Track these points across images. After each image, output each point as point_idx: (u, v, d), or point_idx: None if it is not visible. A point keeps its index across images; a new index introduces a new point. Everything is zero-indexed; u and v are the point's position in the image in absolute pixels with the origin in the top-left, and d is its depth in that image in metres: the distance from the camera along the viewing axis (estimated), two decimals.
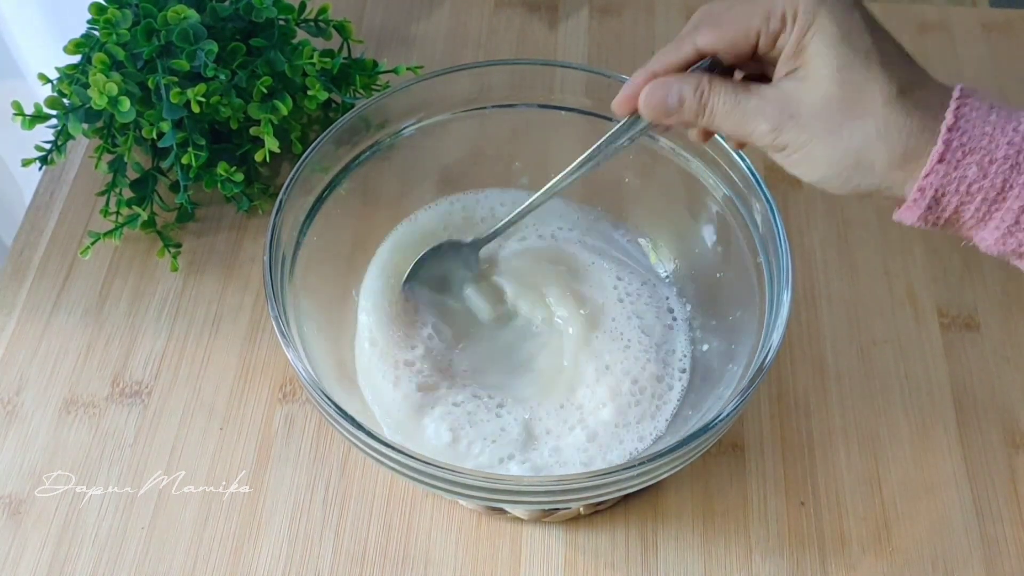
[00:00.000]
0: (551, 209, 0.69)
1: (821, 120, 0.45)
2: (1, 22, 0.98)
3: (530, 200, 0.60)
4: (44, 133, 0.70)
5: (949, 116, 0.44)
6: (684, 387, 0.63)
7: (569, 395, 0.62)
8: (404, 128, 0.65)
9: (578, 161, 0.57)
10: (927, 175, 0.44)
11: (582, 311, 0.64)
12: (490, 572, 0.61)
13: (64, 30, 0.75)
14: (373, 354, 0.63)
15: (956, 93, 0.45)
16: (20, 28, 0.98)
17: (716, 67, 0.49)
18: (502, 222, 0.63)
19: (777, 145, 0.47)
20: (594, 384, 0.62)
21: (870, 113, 0.45)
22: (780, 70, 0.47)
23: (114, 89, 0.66)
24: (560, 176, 0.58)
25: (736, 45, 0.48)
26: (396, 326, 0.64)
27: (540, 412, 0.61)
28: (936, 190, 0.44)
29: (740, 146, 0.58)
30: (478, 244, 0.65)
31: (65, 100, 0.69)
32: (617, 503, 0.63)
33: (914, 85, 0.45)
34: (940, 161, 0.44)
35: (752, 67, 0.50)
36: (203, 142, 0.70)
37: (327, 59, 0.71)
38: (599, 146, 0.56)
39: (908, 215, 0.46)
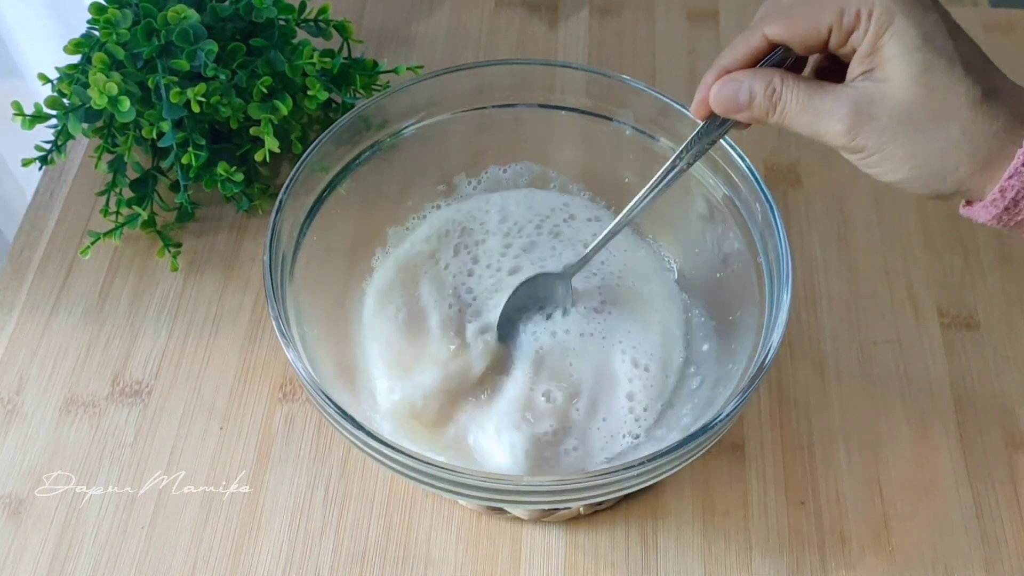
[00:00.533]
0: None
1: (902, 123, 0.45)
2: (2, 22, 0.98)
3: (616, 221, 0.59)
4: (45, 133, 0.70)
5: None
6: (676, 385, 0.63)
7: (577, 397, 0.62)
8: (404, 128, 0.65)
9: (660, 173, 0.56)
10: (1010, 176, 0.44)
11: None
12: (490, 572, 0.61)
13: (65, 30, 0.75)
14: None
15: None
16: (21, 28, 0.98)
17: (788, 61, 0.49)
18: (589, 249, 0.61)
19: (854, 147, 0.47)
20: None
21: (954, 117, 0.45)
22: (854, 69, 0.47)
23: (114, 89, 0.66)
24: (643, 192, 0.57)
25: (807, 38, 0.47)
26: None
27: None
28: (1017, 192, 0.45)
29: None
30: (569, 273, 0.63)
31: (65, 100, 0.69)
32: (617, 503, 0.63)
33: (997, 89, 0.45)
34: None
35: (822, 58, 0.49)
36: (203, 142, 0.70)
37: (327, 59, 0.71)
38: (679, 153, 0.54)
39: (983, 213, 0.46)
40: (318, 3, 0.77)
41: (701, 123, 0.53)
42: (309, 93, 0.71)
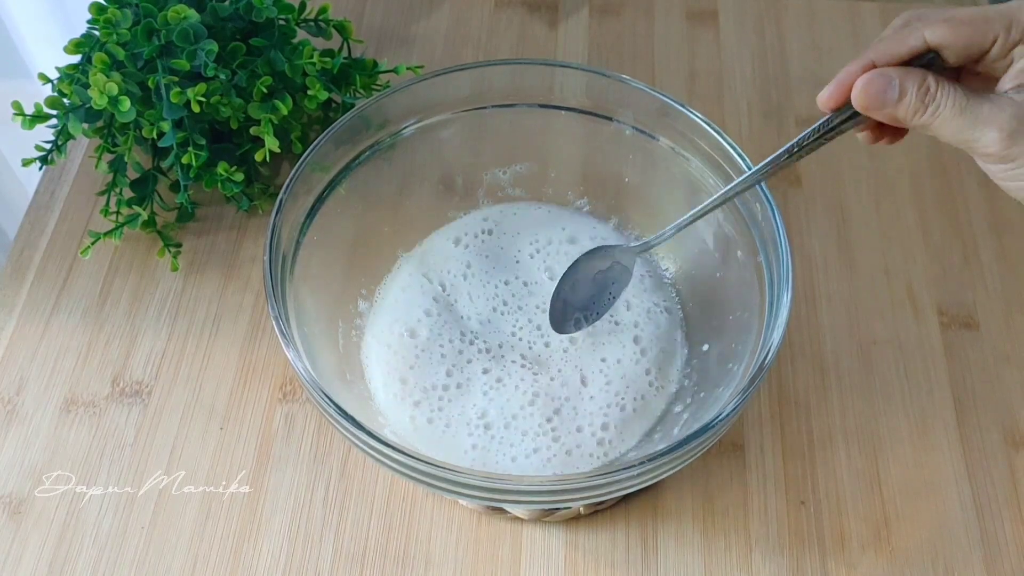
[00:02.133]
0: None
1: None
2: (9, 21, 0.98)
3: (708, 202, 0.58)
4: (45, 133, 0.70)
5: None
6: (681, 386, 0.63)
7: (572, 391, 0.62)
8: (404, 128, 0.65)
9: (772, 157, 0.53)
10: None
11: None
12: (490, 572, 0.61)
13: (71, 30, 0.75)
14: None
15: None
16: (21, 28, 0.98)
17: (935, 66, 0.48)
18: (669, 228, 0.60)
19: (1007, 155, 0.47)
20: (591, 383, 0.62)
21: None
22: (1006, 83, 0.47)
23: (114, 89, 0.66)
24: (745, 175, 0.55)
25: (969, 45, 0.47)
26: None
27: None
28: None
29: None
30: (635, 250, 0.63)
31: (65, 100, 0.69)
32: (617, 503, 0.63)
33: None
34: None
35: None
36: (203, 142, 0.70)
37: (327, 59, 0.71)
38: (799, 140, 0.52)
39: None
40: (318, 3, 0.77)
41: (827, 115, 0.50)
42: (309, 93, 0.71)
